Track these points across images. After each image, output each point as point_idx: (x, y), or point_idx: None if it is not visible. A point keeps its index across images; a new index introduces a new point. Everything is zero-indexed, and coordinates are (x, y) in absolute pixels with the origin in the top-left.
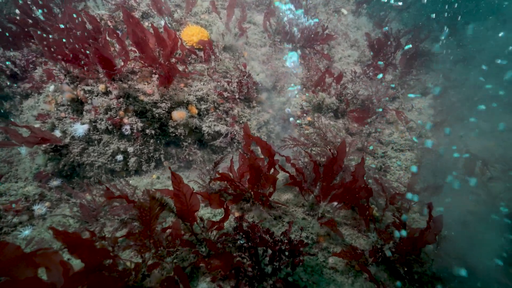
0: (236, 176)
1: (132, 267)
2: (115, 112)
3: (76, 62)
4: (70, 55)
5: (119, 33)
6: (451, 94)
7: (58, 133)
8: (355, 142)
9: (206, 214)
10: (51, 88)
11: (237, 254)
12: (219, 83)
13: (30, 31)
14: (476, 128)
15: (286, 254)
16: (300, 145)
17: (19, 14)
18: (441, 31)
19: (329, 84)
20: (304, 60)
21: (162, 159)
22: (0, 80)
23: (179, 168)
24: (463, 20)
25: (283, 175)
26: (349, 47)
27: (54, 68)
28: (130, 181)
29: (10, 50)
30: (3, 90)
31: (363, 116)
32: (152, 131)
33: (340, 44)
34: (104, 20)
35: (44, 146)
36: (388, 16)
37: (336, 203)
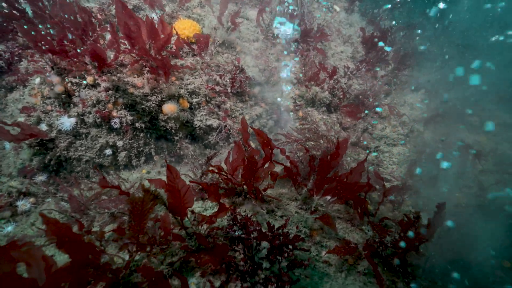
0: (229, 169)
1: (120, 262)
2: (103, 105)
3: (64, 54)
4: (57, 47)
5: (114, 25)
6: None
7: (44, 126)
8: (349, 136)
9: (197, 208)
10: (37, 80)
11: (228, 248)
12: (211, 77)
13: (14, 24)
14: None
15: (285, 248)
16: (294, 141)
17: (5, 6)
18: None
19: (323, 79)
20: (301, 55)
21: (152, 154)
22: None
23: (170, 162)
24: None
25: (277, 168)
26: (342, 44)
27: (40, 59)
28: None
29: None
30: None
31: (356, 111)
32: (142, 125)
33: (333, 41)
34: (94, 13)
35: (28, 140)
36: (381, 14)
37: (329, 197)
